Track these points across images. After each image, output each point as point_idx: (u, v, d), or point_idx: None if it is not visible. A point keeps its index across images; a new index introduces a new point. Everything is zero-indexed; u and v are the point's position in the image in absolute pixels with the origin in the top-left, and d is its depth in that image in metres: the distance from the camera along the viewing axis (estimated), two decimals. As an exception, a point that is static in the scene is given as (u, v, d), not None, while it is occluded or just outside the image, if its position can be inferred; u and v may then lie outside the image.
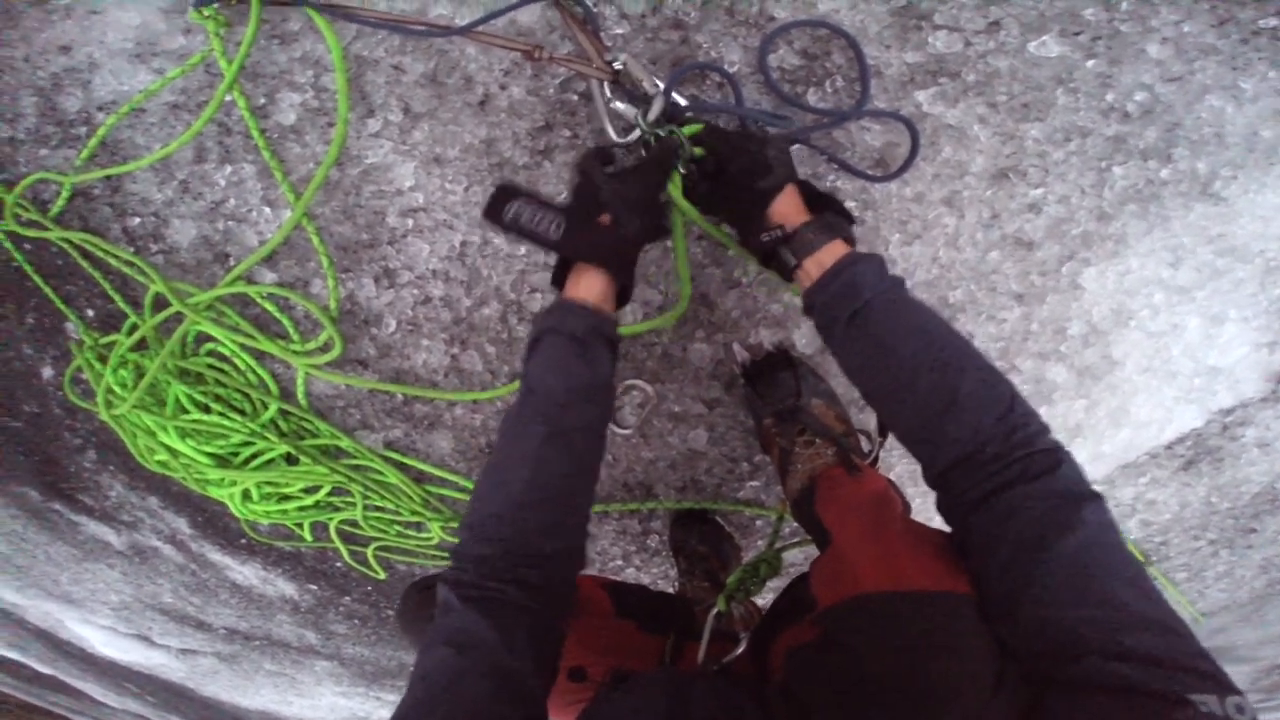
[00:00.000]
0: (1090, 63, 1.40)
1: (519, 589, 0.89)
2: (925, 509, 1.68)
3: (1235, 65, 1.40)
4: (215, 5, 1.41)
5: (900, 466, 1.82)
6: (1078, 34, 1.39)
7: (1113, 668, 0.66)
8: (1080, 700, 0.66)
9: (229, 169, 1.59)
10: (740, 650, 1.11)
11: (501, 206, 1.11)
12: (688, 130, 1.24)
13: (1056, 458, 0.85)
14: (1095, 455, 1.84)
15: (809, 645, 0.92)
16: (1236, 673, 2.37)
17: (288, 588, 2.57)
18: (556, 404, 0.99)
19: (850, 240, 1.13)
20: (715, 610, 1.21)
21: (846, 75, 1.42)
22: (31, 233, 1.72)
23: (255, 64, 1.50)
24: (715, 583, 1.68)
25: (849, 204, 1.46)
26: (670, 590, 2.00)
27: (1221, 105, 1.42)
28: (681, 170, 1.24)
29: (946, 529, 0.96)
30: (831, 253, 1.08)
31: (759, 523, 1.91)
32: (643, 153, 1.33)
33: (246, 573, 2.55)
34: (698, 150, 1.22)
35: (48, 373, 2.08)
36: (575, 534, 1.01)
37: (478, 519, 0.96)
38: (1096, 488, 0.87)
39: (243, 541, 2.40)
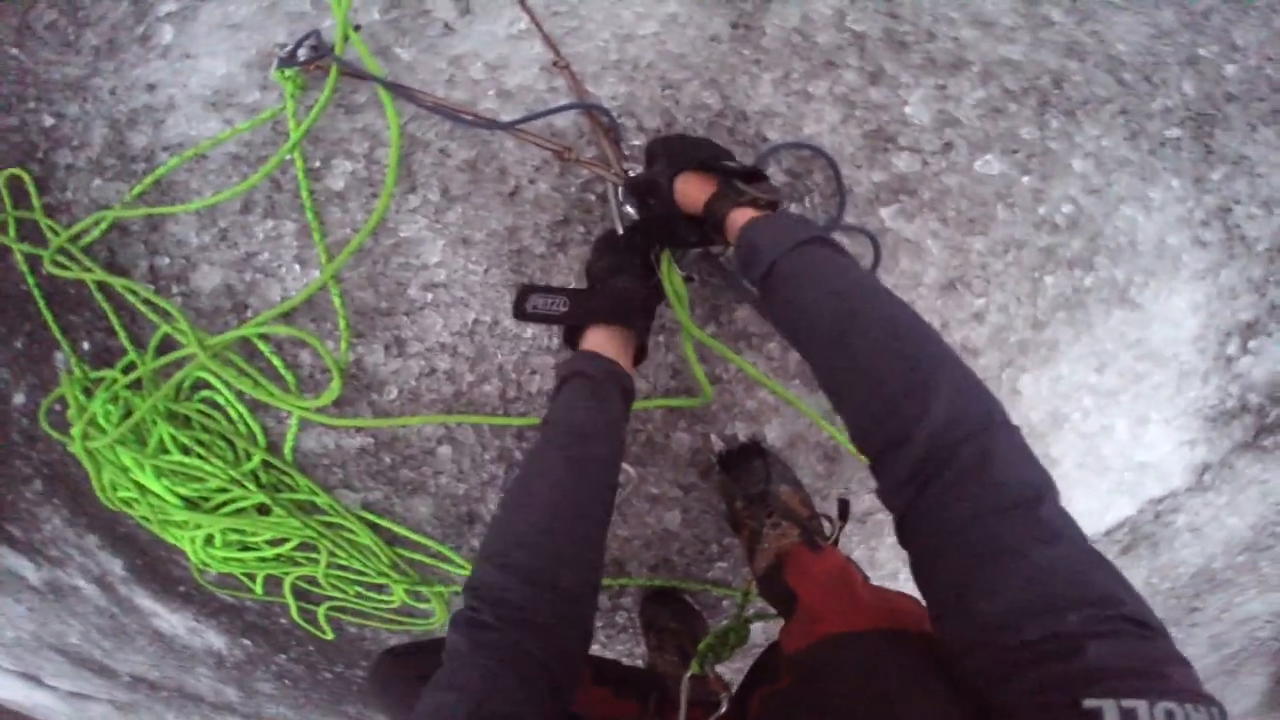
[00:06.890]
0: (1026, 178, 1.61)
1: (533, 638, 0.86)
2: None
3: (1144, 176, 1.61)
4: (297, 68, 1.55)
5: (859, 551, 1.90)
6: (1015, 152, 1.60)
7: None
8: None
9: (270, 223, 1.68)
10: (723, 711, 1.12)
11: (524, 304, 1.30)
12: None
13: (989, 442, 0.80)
14: (1046, 544, 1.94)
15: (781, 691, 0.97)
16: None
17: (217, 640, 2.49)
18: (572, 435, 1.07)
19: (759, 204, 1.11)
20: (689, 674, 1.22)
21: (824, 192, 1.62)
22: (70, 274, 1.75)
23: (319, 129, 1.62)
24: (685, 658, 1.73)
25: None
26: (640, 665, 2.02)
27: (1134, 214, 1.62)
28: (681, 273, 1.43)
29: (905, 592, 1.01)
30: (735, 220, 1.10)
31: (725, 603, 1.97)
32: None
33: (174, 621, 2.46)
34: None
35: (19, 399, 2.06)
36: (589, 570, 0.98)
37: (498, 545, 0.95)
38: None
39: (180, 589, 2.34)
